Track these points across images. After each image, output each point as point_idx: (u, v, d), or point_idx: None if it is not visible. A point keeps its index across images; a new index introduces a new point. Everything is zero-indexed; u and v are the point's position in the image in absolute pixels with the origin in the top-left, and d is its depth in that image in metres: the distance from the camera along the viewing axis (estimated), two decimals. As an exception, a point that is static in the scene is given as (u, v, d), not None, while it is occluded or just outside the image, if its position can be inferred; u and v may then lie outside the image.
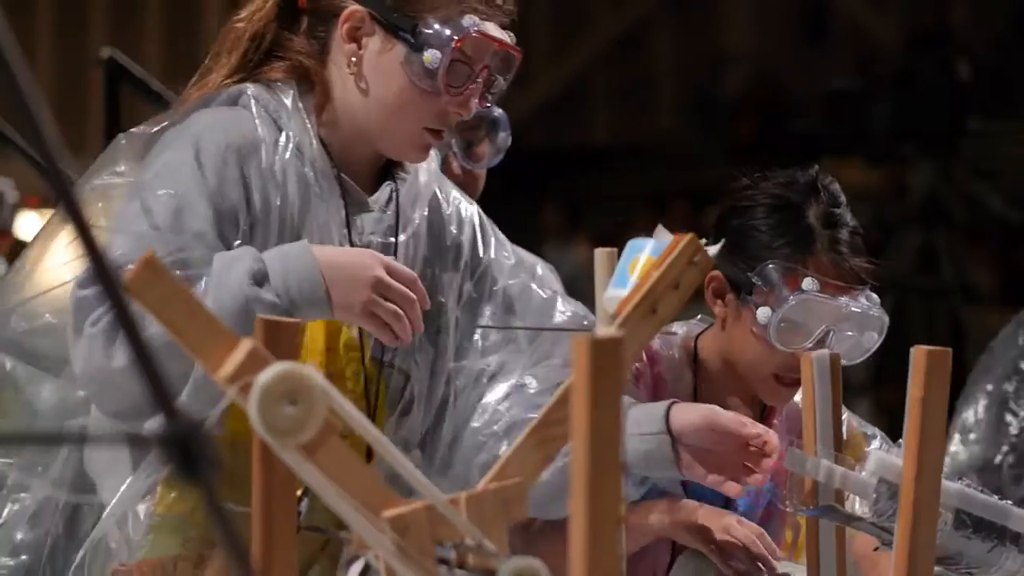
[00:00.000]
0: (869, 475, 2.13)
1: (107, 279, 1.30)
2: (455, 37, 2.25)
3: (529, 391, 2.40)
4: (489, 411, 2.41)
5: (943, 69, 9.84)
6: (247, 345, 1.58)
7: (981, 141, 9.99)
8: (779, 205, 2.57)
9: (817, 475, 2.19)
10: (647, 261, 1.85)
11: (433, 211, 2.42)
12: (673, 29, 12.93)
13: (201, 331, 1.59)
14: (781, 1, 12.46)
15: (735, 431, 2.34)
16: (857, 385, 7.70)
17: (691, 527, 2.50)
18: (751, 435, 2.35)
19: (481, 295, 2.45)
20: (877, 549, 2.23)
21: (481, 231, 2.47)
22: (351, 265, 2.17)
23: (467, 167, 3.22)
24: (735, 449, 2.35)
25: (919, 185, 9.69)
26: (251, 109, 2.27)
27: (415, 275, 2.21)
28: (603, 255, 1.97)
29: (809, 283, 2.50)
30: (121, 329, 1.30)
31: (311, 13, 2.34)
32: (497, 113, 3.07)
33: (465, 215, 2.46)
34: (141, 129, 2.33)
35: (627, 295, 1.84)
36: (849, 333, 2.53)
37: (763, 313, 2.51)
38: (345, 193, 2.31)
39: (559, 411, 1.76)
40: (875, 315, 2.53)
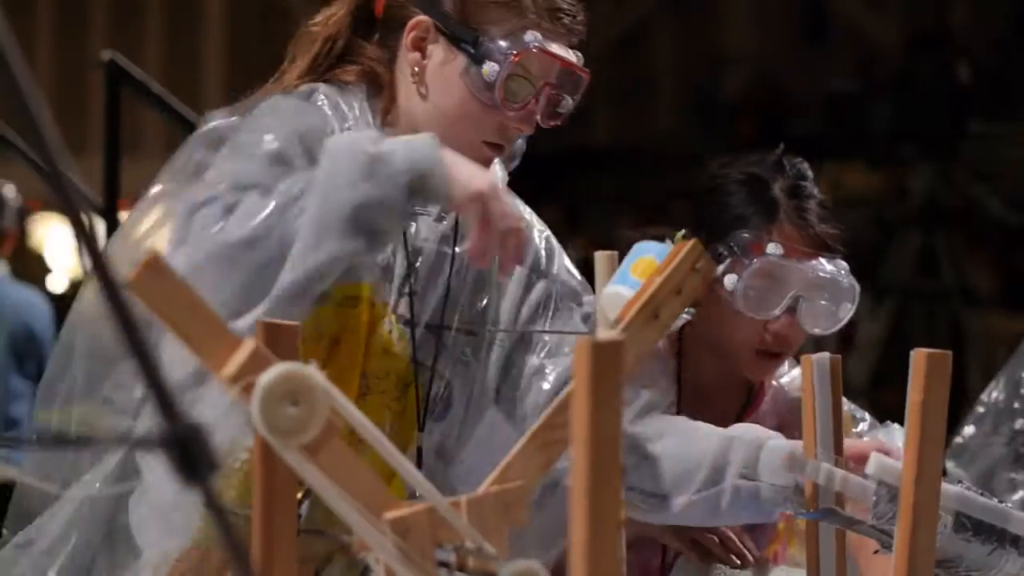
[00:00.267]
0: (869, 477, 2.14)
1: (107, 280, 1.30)
2: (514, 51, 2.26)
3: None
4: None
5: (943, 71, 9.85)
6: (249, 345, 1.58)
7: (981, 143, 9.98)
8: (746, 180, 2.61)
9: (817, 478, 2.20)
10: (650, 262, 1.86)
11: None
12: (673, 29, 12.92)
13: (203, 331, 1.59)
14: (781, 2, 12.45)
15: None
16: (856, 388, 7.70)
17: (674, 527, 2.53)
18: None
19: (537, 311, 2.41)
20: (877, 552, 2.24)
21: (547, 252, 2.45)
22: (471, 164, 2.13)
23: None
24: None
25: (919, 187, 9.69)
26: (323, 105, 2.28)
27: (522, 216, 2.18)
28: (603, 258, 1.97)
29: (773, 247, 2.53)
30: (121, 328, 1.30)
31: (383, 22, 2.35)
32: None
33: (531, 234, 2.44)
34: (211, 126, 2.29)
35: (630, 299, 1.84)
36: (823, 303, 2.56)
37: (730, 280, 2.53)
38: None
39: (561, 415, 1.76)
40: (844, 282, 2.55)
